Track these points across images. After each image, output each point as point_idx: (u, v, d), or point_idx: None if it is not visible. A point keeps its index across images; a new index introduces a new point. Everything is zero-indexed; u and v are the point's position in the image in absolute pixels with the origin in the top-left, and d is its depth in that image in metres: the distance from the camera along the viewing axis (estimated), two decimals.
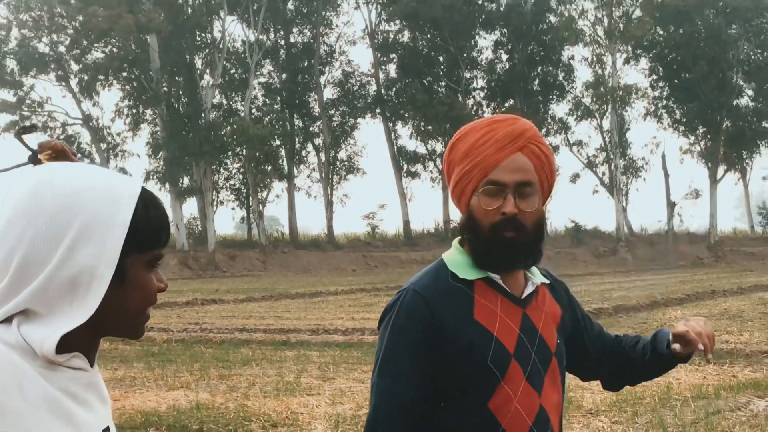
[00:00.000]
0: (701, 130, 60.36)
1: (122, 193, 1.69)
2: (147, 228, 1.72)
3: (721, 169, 61.18)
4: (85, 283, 1.65)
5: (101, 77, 57.33)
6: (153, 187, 57.35)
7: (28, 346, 1.64)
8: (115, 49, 56.97)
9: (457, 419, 2.50)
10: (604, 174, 60.05)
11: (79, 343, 1.70)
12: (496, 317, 2.50)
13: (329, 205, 61.66)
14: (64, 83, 57.74)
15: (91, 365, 1.76)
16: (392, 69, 62.45)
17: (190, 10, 58.06)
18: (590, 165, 60.66)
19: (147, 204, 1.72)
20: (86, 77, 57.28)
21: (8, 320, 1.67)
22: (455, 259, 2.58)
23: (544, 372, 2.54)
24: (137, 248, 1.71)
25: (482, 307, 2.50)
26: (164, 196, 58.08)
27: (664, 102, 61.23)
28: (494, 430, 2.46)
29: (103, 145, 58.26)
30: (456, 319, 2.49)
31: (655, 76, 61.21)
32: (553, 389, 2.57)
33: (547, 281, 2.68)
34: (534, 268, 2.64)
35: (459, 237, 2.63)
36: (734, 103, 60.52)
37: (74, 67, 57.81)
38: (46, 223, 1.64)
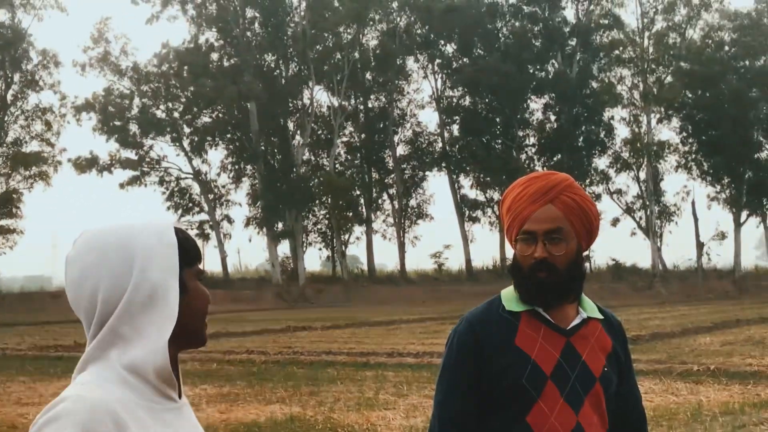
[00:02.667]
0: (726, 180, 59.41)
1: (161, 224, 1.80)
2: (189, 246, 1.83)
3: (744, 214, 60.10)
4: (161, 295, 1.74)
5: (209, 138, 58.21)
6: (252, 231, 58.05)
7: (131, 380, 1.70)
8: (220, 115, 57.85)
9: (500, 430, 2.51)
10: (641, 218, 59.32)
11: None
12: (536, 343, 2.51)
13: (401, 245, 61.60)
14: (177, 144, 58.52)
15: (179, 396, 1.82)
16: (455, 129, 62.44)
17: (283, 81, 58.73)
18: (629, 210, 59.94)
19: (181, 230, 1.83)
20: (196, 138, 58.21)
21: (105, 360, 1.72)
22: (509, 293, 2.61)
23: (585, 394, 2.51)
24: (187, 263, 1.81)
25: (524, 335, 2.52)
26: (261, 239, 58.64)
27: (693, 156, 60.35)
28: None
29: (211, 196, 58.92)
30: (499, 344, 2.51)
31: (685, 134, 60.40)
32: (594, 411, 2.53)
33: (601, 317, 2.65)
34: (589, 303, 2.65)
35: None
36: (755, 156, 59.63)
37: (186, 130, 58.65)
38: (115, 258, 1.73)
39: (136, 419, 1.67)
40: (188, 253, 1.82)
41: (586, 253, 2.66)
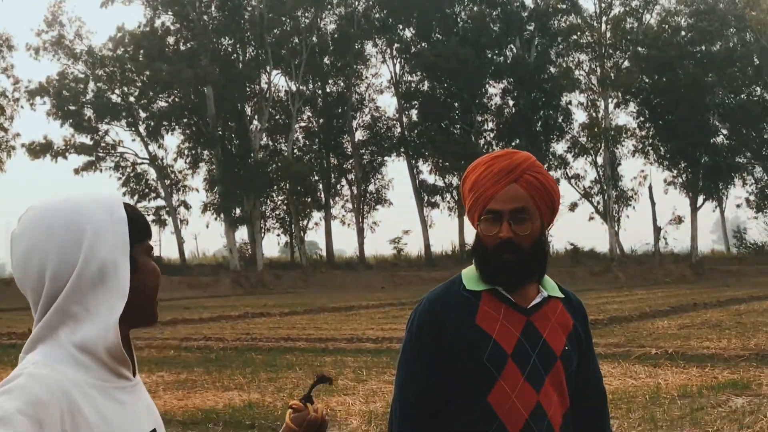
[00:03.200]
0: (683, 165, 60.04)
1: (111, 199, 1.77)
2: (139, 222, 1.79)
3: (700, 198, 60.78)
4: (111, 272, 1.70)
5: (165, 123, 57.81)
6: (209, 217, 57.78)
7: (82, 359, 1.66)
8: (177, 99, 57.49)
9: (462, 410, 2.50)
10: (598, 203, 59.80)
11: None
12: (497, 322, 2.50)
13: (360, 231, 61.60)
14: (133, 128, 58.05)
15: (134, 374, 1.79)
16: (414, 114, 62.51)
17: (240, 65, 58.39)
18: (586, 195, 60.39)
19: (130, 206, 1.80)
20: (152, 123, 57.76)
21: (55, 340, 1.68)
22: (470, 273, 2.59)
23: (546, 373, 2.51)
24: (137, 239, 1.77)
25: (485, 314, 2.51)
26: (219, 225, 58.40)
27: (650, 140, 60.93)
28: (492, 420, 2.46)
29: (167, 182, 58.53)
30: (459, 323, 2.50)
31: (642, 118, 60.97)
32: (555, 389, 2.53)
33: (561, 295, 2.65)
34: (550, 283, 2.64)
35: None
36: (711, 141, 60.28)
37: (142, 114, 58.16)
38: (63, 234, 1.68)
39: (89, 399, 1.63)
40: (138, 228, 1.78)
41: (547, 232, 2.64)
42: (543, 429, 2.48)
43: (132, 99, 57.78)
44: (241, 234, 59.74)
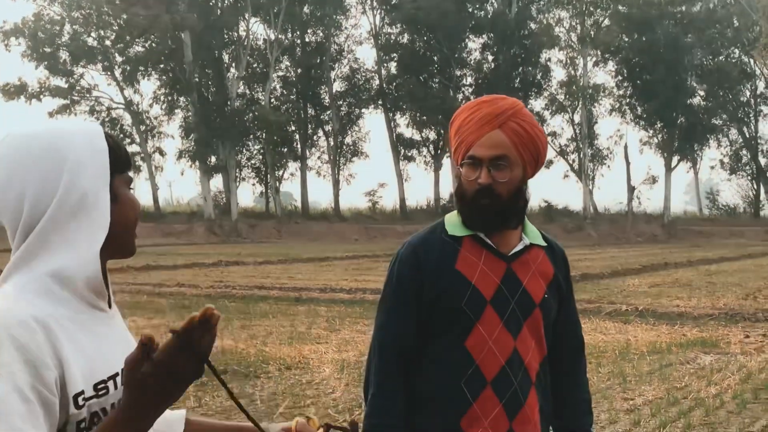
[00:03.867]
0: (659, 125, 60.12)
1: (92, 129, 1.75)
2: (120, 152, 1.77)
3: (675, 159, 61.00)
4: (92, 202, 1.67)
5: (141, 68, 57.21)
6: (184, 164, 57.43)
7: (57, 290, 1.63)
8: (153, 44, 56.82)
9: (439, 354, 2.51)
10: (574, 161, 60.00)
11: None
12: (477, 268, 2.50)
13: (336, 183, 61.54)
14: (109, 73, 57.49)
15: (109, 306, 1.76)
16: (393, 66, 62.11)
17: (219, 12, 57.81)
18: (562, 153, 60.53)
19: (111, 136, 1.77)
20: (128, 68, 57.14)
21: (30, 269, 1.64)
22: (452, 218, 2.59)
23: (524, 319, 2.52)
24: (118, 170, 1.74)
25: (465, 259, 2.51)
26: (194, 173, 58.12)
27: (628, 100, 60.93)
28: (469, 365, 2.47)
29: (142, 127, 58.14)
30: (439, 268, 2.51)
31: (620, 77, 60.92)
32: (532, 336, 2.54)
33: (544, 244, 2.65)
34: (534, 231, 2.64)
35: None
36: (688, 102, 60.37)
37: (118, 58, 57.51)
38: (44, 161, 1.65)
39: (65, 331, 1.61)
40: (119, 159, 1.75)
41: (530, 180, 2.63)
42: (519, 375, 2.50)
43: (108, 43, 57.04)
44: (216, 183, 59.62)
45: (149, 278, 21.99)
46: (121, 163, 1.76)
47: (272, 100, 59.86)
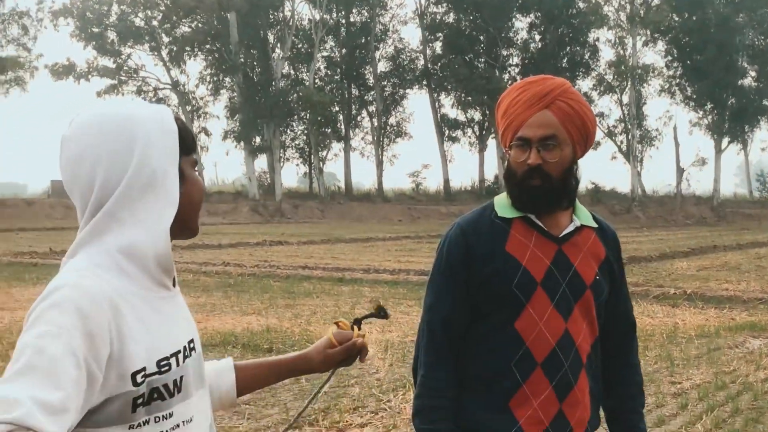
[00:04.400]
0: (709, 106, 59.55)
1: (162, 111, 1.78)
2: (187, 134, 1.81)
3: (725, 141, 60.40)
4: (161, 181, 1.71)
5: (188, 48, 57.66)
6: (229, 144, 57.87)
7: (126, 266, 1.68)
8: (200, 24, 57.19)
9: (489, 336, 2.51)
10: (622, 142, 59.50)
11: None
12: (527, 250, 2.49)
13: (380, 164, 61.60)
14: (156, 53, 58.02)
15: (174, 285, 1.81)
16: (438, 46, 61.92)
17: None
18: (610, 134, 60.04)
19: (179, 118, 1.80)
20: (175, 48, 57.63)
21: (100, 244, 1.69)
22: (502, 200, 2.57)
23: (575, 301, 2.50)
24: (185, 151, 1.79)
25: (515, 241, 2.50)
26: (239, 153, 58.52)
27: (677, 80, 60.41)
28: (519, 346, 2.46)
29: (188, 108, 58.56)
30: (489, 249, 2.49)
31: (670, 57, 60.36)
32: (583, 318, 2.53)
33: (595, 225, 2.62)
34: (584, 212, 2.62)
35: None
36: (739, 83, 59.64)
37: (165, 39, 58.02)
38: (116, 141, 1.69)
39: (132, 307, 1.66)
40: (186, 141, 1.80)
41: (581, 159, 2.61)
42: (570, 357, 2.49)
43: (155, 23, 57.54)
44: (261, 163, 59.95)
45: (195, 257, 22.20)
46: (187, 145, 1.80)
47: (316, 80, 59.99)
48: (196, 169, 1.85)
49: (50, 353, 1.52)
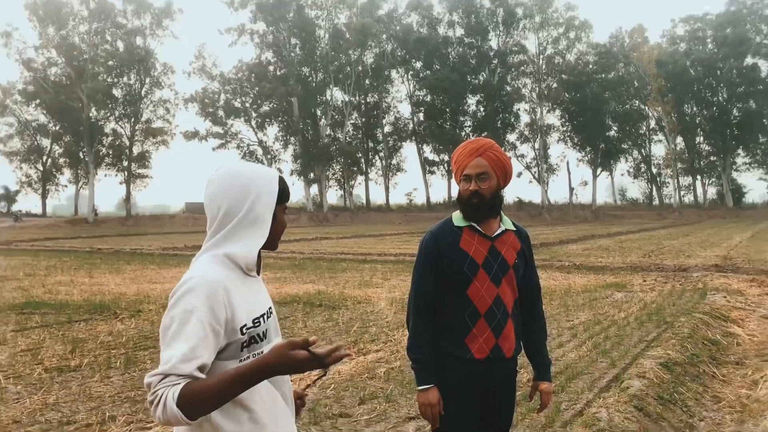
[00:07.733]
0: (588, 149, 59.65)
1: (272, 174, 1.75)
2: (285, 190, 1.77)
3: (599, 170, 60.39)
4: (261, 221, 1.70)
5: (268, 120, 57.45)
6: (294, 178, 57.60)
7: (230, 263, 1.68)
8: (275, 105, 57.02)
9: (451, 300, 2.49)
10: (535, 172, 59.27)
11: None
12: (473, 245, 2.48)
13: (387, 188, 61.48)
14: (248, 123, 57.78)
15: (258, 274, 1.80)
16: (421, 116, 61.76)
17: (314, 84, 57.78)
18: (528, 167, 59.90)
19: (282, 178, 1.78)
20: (260, 120, 57.46)
21: (217, 250, 1.69)
22: (456, 215, 2.56)
23: (503, 276, 2.49)
24: (281, 201, 1.76)
25: (465, 240, 2.49)
26: (300, 183, 58.35)
27: (569, 133, 60.45)
28: (469, 305, 2.45)
29: (268, 156, 58.40)
30: (449, 247, 2.48)
31: (563, 119, 60.40)
32: (508, 286, 2.51)
33: (514, 228, 2.60)
34: (507, 220, 2.60)
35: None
36: (607, 134, 59.91)
37: (254, 114, 57.85)
38: (237, 190, 1.68)
39: (235, 287, 1.67)
40: (283, 195, 1.78)
41: (504, 189, 2.60)
42: (501, 310, 2.49)
43: (247, 104, 57.40)
44: (314, 189, 59.83)
45: None
46: (283, 198, 1.78)
47: (347, 138, 59.93)
48: (285, 212, 1.82)
49: (188, 324, 1.55)
